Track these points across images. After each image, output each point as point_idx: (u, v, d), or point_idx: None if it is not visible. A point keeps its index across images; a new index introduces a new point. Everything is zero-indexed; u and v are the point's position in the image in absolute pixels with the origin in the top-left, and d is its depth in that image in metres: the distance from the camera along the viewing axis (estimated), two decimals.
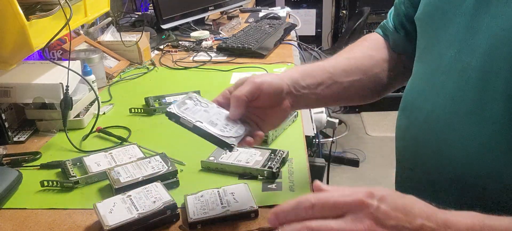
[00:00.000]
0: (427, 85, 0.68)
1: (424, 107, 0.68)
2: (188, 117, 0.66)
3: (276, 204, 0.73)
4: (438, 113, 0.65)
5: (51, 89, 1.00)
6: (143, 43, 1.52)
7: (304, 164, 0.85)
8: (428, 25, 0.70)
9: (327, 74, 0.75)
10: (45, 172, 0.88)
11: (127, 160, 0.86)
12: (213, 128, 0.66)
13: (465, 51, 0.62)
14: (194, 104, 0.69)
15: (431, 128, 0.66)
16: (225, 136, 0.65)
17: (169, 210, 0.69)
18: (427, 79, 0.69)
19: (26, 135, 1.02)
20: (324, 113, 1.23)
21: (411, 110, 0.71)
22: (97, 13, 1.28)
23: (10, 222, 0.73)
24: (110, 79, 1.37)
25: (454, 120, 0.62)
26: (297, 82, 0.71)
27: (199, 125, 0.65)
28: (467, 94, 0.61)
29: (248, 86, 0.67)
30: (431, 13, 0.69)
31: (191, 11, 1.91)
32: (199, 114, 0.67)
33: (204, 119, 0.66)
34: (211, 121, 0.67)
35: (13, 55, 0.95)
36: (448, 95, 0.63)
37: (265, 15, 2.16)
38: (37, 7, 0.98)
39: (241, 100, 0.66)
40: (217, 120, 0.67)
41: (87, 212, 0.74)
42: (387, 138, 2.97)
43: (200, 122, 0.66)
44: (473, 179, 0.61)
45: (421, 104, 0.68)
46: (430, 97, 0.67)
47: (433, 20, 0.69)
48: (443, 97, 0.64)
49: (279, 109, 0.70)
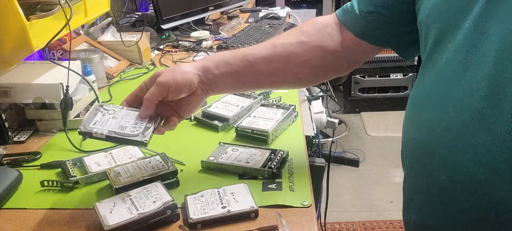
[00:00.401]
0: (434, 92, 0.66)
1: (430, 114, 0.66)
2: (98, 130, 0.72)
3: (276, 204, 0.73)
4: (446, 121, 0.63)
5: (51, 89, 1.00)
6: (143, 43, 1.52)
7: (304, 164, 0.85)
8: (434, 30, 0.68)
9: (246, 62, 0.79)
10: (45, 172, 0.88)
11: (127, 160, 0.86)
12: (123, 131, 0.73)
13: (472, 58, 0.60)
14: (102, 115, 0.76)
15: (438, 135, 0.64)
16: (135, 135, 0.72)
17: (169, 210, 0.70)
18: (433, 85, 0.67)
19: (26, 135, 1.02)
20: (324, 114, 1.23)
21: (417, 116, 0.70)
22: (97, 13, 1.28)
23: (10, 222, 0.73)
24: (110, 79, 1.37)
25: (462, 128, 0.61)
26: (209, 71, 0.78)
27: (110, 134, 0.71)
28: (476, 103, 0.59)
29: (156, 89, 0.74)
30: (436, 17, 0.67)
31: (191, 11, 1.92)
32: (109, 123, 0.74)
33: (113, 126, 0.73)
34: (121, 126, 0.74)
35: (13, 55, 0.95)
36: (456, 103, 0.61)
37: (265, 15, 2.16)
38: (37, 7, 0.98)
39: (150, 103, 0.74)
40: (126, 122, 0.74)
41: (87, 212, 0.74)
42: (387, 138, 2.97)
43: (111, 131, 0.72)
44: (482, 187, 0.60)
45: (428, 111, 0.67)
46: (437, 104, 0.65)
47: (439, 25, 0.66)
48: (451, 104, 0.62)
49: (192, 97, 0.78)
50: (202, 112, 1.06)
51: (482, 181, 0.59)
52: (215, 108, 1.06)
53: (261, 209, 0.72)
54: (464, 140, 0.60)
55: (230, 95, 1.12)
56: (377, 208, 2.33)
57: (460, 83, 0.61)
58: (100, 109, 0.77)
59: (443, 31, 0.66)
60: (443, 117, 0.63)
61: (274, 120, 0.97)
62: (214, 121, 1.02)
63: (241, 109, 1.05)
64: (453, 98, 0.62)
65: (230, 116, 1.02)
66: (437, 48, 0.67)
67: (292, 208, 0.73)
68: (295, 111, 1.04)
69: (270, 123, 0.96)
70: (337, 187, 2.48)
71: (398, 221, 2.22)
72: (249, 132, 0.96)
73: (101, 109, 0.76)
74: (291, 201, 0.74)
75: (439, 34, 0.66)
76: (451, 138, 0.62)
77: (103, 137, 0.72)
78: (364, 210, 2.32)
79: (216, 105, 1.07)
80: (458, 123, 0.61)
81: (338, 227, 2.21)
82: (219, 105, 1.07)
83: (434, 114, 0.65)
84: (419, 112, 0.70)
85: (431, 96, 0.67)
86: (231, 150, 0.88)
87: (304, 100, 1.20)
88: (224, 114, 1.03)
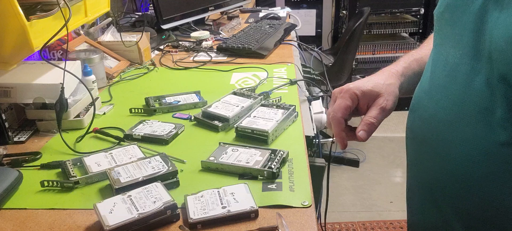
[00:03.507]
0: (433, 85, 0.67)
1: (428, 107, 0.67)
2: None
3: (276, 204, 0.73)
4: (442, 115, 0.64)
5: (51, 89, 1.00)
6: (143, 44, 1.52)
7: (304, 164, 0.85)
8: (441, 22, 0.69)
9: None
10: (45, 172, 0.88)
11: (127, 160, 0.86)
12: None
13: (469, 54, 0.60)
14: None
15: (433, 129, 0.66)
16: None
17: (169, 210, 0.70)
18: (433, 78, 0.68)
19: (26, 135, 1.02)
20: (324, 114, 1.23)
21: (417, 108, 0.71)
22: (97, 13, 1.28)
23: (10, 222, 0.73)
24: (110, 80, 1.37)
25: (457, 123, 0.62)
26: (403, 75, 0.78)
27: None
28: (471, 98, 0.60)
29: (382, 116, 0.72)
30: (444, 10, 0.68)
31: (191, 11, 1.92)
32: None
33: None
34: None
35: (13, 56, 0.95)
36: (452, 98, 0.63)
37: (265, 16, 2.16)
38: (37, 7, 0.98)
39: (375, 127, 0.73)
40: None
41: (87, 212, 0.74)
42: (387, 138, 2.97)
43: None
44: (474, 182, 0.61)
45: (426, 104, 0.68)
46: (435, 98, 0.66)
47: (444, 18, 0.67)
48: (447, 99, 0.63)
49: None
50: (202, 112, 1.06)
51: (473, 175, 0.61)
52: (215, 108, 1.06)
53: (261, 209, 0.72)
54: (457, 134, 0.62)
55: (230, 95, 1.12)
56: (377, 208, 2.33)
57: (456, 79, 0.63)
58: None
59: (445, 24, 0.67)
60: (438, 109, 0.66)
61: (274, 120, 0.97)
62: (214, 121, 1.02)
63: (241, 109, 1.05)
64: (448, 92, 0.64)
65: (230, 116, 1.02)
66: (440, 41, 0.69)
67: (292, 208, 0.73)
68: (295, 112, 1.04)
69: (270, 123, 0.96)
70: (337, 187, 2.48)
71: (398, 221, 2.22)
72: (249, 132, 0.96)
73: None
74: (291, 201, 0.74)
75: (443, 28, 0.67)
76: (444, 131, 0.64)
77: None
78: (364, 210, 2.32)
79: (216, 105, 1.07)
80: (452, 117, 0.63)
81: (338, 227, 2.21)
82: (219, 105, 1.07)
83: (430, 105, 0.69)
84: (418, 102, 0.74)
85: (429, 88, 0.70)
86: (231, 150, 0.88)
87: (304, 101, 1.20)
88: (224, 115, 1.03)
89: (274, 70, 1.40)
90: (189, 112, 1.11)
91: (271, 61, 1.51)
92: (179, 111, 1.12)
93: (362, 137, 0.71)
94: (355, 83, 0.75)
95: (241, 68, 1.45)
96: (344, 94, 0.74)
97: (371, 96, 0.73)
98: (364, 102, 0.74)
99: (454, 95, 0.62)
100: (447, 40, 0.66)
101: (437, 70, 0.67)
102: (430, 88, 0.68)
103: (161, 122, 1.04)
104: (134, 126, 1.03)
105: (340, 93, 0.74)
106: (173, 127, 1.01)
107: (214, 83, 1.34)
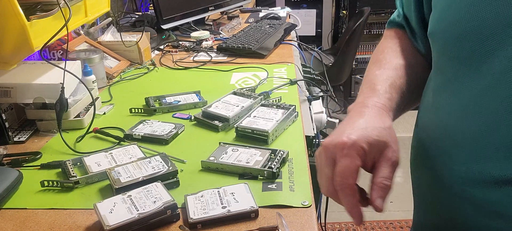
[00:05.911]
0: (455, 120, 0.61)
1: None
2: None
3: (276, 204, 0.73)
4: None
5: (51, 89, 1.00)
6: (143, 43, 1.52)
7: (304, 164, 0.85)
8: (450, 46, 0.61)
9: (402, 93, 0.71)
10: (45, 172, 0.88)
11: (128, 160, 0.86)
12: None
13: (502, 87, 0.53)
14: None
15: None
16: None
17: (170, 210, 0.70)
18: (456, 109, 0.61)
19: (26, 135, 1.02)
20: (324, 114, 1.23)
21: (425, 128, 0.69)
22: (98, 13, 1.28)
23: (10, 222, 0.73)
24: (110, 80, 1.37)
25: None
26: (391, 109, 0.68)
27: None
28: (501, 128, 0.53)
29: (393, 172, 0.62)
30: (450, 30, 0.60)
31: (191, 11, 1.92)
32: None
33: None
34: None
35: (13, 55, 0.95)
36: (476, 131, 0.57)
37: (265, 15, 2.16)
38: (37, 7, 0.98)
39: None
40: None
41: (88, 212, 0.74)
42: None
43: None
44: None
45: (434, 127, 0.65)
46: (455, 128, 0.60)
47: (461, 43, 0.58)
48: (469, 134, 0.58)
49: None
50: (202, 112, 1.06)
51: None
52: (215, 108, 1.06)
53: (261, 209, 0.72)
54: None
55: (230, 95, 1.13)
56: None
57: (486, 110, 0.57)
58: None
59: (466, 53, 0.60)
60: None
61: (274, 120, 0.97)
62: (214, 121, 1.02)
63: (241, 109, 1.05)
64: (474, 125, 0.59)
65: (230, 116, 1.02)
66: (457, 69, 0.62)
67: (292, 208, 0.73)
68: (295, 112, 1.04)
69: (270, 123, 0.96)
70: None
71: (398, 221, 2.22)
72: (249, 132, 0.96)
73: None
74: (291, 201, 0.74)
75: (457, 53, 0.61)
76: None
77: None
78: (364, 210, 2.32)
79: (216, 105, 1.07)
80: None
81: (338, 227, 2.21)
82: (219, 105, 1.07)
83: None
84: (427, 122, 0.70)
85: (450, 121, 0.64)
86: (231, 150, 0.88)
87: (304, 101, 1.20)
88: (224, 114, 1.03)
89: (274, 70, 1.40)
90: (189, 112, 1.11)
91: (271, 61, 1.51)
92: (179, 111, 1.12)
93: (380, 206, 0.59)
94: (355, 132, 0.59)
95: (241, 68, 1.45)
96: (350, 151, 0.58)
97: (379, 148, 0.60)
98: (371, 157, 0.60)
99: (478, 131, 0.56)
100: (468, 71, 0.57)
101: (461, 101, 0.59)
102: (451, 123, 0.61)
103: (161, 121, 1.04)
104: (134, 125, 1.03)
105: (343, 150, 0.58)
106: (173, 127, 1.01)
107: (214, 83, 1.34)
